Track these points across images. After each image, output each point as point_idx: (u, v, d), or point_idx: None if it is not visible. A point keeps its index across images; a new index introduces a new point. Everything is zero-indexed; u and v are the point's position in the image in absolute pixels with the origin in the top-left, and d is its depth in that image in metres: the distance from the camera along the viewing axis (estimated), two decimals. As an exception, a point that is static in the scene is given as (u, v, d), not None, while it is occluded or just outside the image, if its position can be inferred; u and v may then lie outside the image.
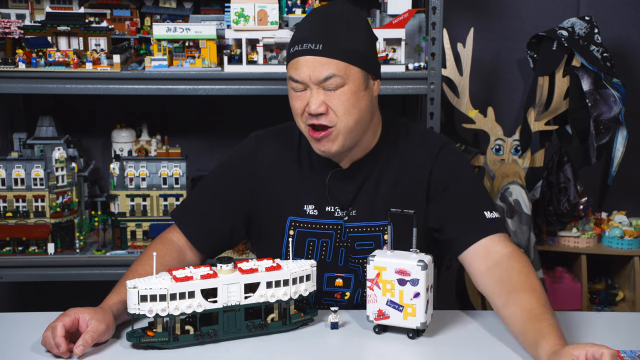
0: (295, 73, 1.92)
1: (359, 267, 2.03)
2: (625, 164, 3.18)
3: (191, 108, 3.25)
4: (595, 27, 3.07)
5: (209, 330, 1.76)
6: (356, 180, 2.03)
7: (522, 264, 1.89)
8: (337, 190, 2.03)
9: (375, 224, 2.03)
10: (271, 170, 2.06)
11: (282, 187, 2.05)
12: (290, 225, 2.04)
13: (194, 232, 2.05)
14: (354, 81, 1.92)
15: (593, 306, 3.27)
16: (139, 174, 2.84)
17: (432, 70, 2.74)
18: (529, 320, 1.75)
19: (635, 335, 1.86)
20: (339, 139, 1.94)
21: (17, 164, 2.75)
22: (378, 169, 2.04)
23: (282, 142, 2.10)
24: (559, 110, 3.10)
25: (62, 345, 1.69)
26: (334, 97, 1.91)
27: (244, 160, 2.09)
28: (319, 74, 1.89)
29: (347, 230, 2.03)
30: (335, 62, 1.89)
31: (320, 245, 2.04)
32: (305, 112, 1.93)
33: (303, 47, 1.90)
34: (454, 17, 3.14)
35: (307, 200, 2.04)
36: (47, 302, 1.93)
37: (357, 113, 1.93)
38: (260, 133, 2.13)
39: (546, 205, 3.18)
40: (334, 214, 2.03)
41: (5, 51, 2.79)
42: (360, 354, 1.78)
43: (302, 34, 1.93)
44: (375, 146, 2.05)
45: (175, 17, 2.99)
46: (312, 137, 1.94)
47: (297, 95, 1.94)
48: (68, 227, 2.81)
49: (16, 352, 1.76)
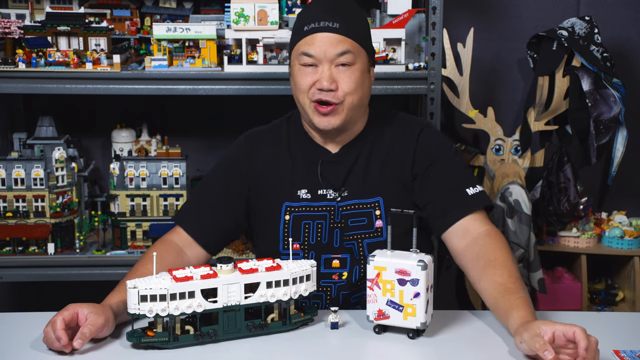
0: (311, 48, 2.02)
1: (354, 243, 2.11)
2: (625, 164, 3.18)
3: (191, 108, 3.25)
4: (595, 27, 3.07)
5: (209, 330, 1.76)
6: (346, 163, 2.13)
7: (497, 241, 1.99)
8: (329, 174, 2.12)
9: (366, 201, 2.11)
10: (265, 164, 2.15)
11: (277, 177, 2.14)
12: (286, 210, 2.12)
13: (199, 230, 2.12)
14: (362, 62, 2.05)
15: (593, 306, 3.27)
16: (139, 174, 2.84)
17: (432, 70, 2.74)
18: (500, 294, 1.85)
19: (635, 335, 1.85)
20: (342, 114, 2.05)
21: (17, 164, 2.75)
22: (366, 151, 2.14)
23: (272, 138, 2.19)
24: (559, 110, 3.10)
25: (63, 338, 1.70)
26: (345, 74, 2.02)
27: (239, 159, 2.17)
28: (334, 49, 2.01)
29: (340, 210, 2.10)
30: (350, 41, 2.02)
31: (315, 227, 2.11)
32: (312, 88, 2.03)
33: (320, 24, 2.01)
34: (454, 17, 3.14)
35: (300, 186, 2.12)
36: (47, 302, 1.93)
37: (361, 93, 2.06)
38: (249, 133, 2.23)
39: (546, 205, 3.18)
40: (327, 197, 2.12)
41: (5, 51, 2.79)
42: (360, 354, 1.79)
43: (315, 12, 2.04)
44: (363, 131, 2.16)
45: (175, 17, 2.99)
46: (318, 110, 2.04)
47: (305, 71, 2.04)
48: (68, 227, 2.81)
49: (16, 352, 1.76)
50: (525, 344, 1.68)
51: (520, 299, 1.82)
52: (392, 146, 2.14)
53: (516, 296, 1.83)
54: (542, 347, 1.64)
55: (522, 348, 1.71)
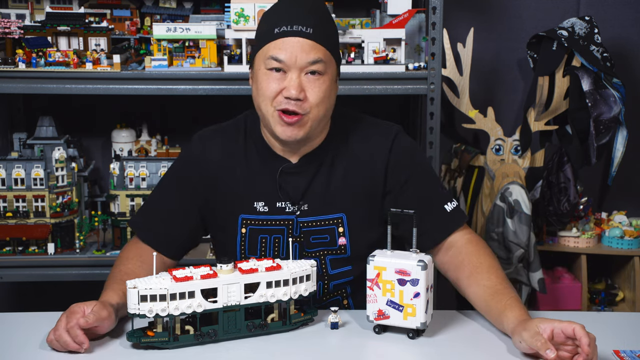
0: (280, 52, 1.88)
1: (317, 260, 2.01)
2: (625, 164, 3.18)
3: (191, 108, 3.25)
4: (595, 27, 3.07)
5: (209, 330, 1.76)
6: (306, 174, 2.01)
7: (480, 247, 1.97)
8: (287, 185, 2.01)
9: (328, 217, 2.01)
10: (218, 172, 2.03)
11: (232, 185, 2.02)
12: (242, 223, 2.02)
13: (154, 239, 2.04)
14: (332, 71, 1.94)
15: (593, 306, 3.27)
16: (139, 174, 2.84)
17: (432, 70, 2.74)
18: (490, 296, 1.85)
19: (635, 335, 1.85)
20: (307, 126, 1.92)
21: (17, 164, 2.75)
22: (328, 162, 2.02)
23: (228, 140, 2.06)
24: (559, 110, 3.10)
25: (85, 342, 1.71)
26: (315, 84, 1.90)
27: (191, 164, 2.06)
28: (307, 56, 1.88)
29: (300, 225, 2.01)
30: (323, 49, 1.90)
31: (272, 241, 2.02)
32: (279, 96, 1.89)
33: (293, 28, 1.88)
34: (454, 17, 3.14)
35: (257, 197, 2.01)
36: (47, 302, 1.93)
37: (328, 104, 1.94)
38: (203, 133, 2.10)
39: (546, 205, 3.18)
40: (285, 210, 2.01)
41: (5, 51, 2.79)
42: (360, 354, 1.78)
43: (288, 14, 1.91)
44: (325, 140, 2.02)
45: (175, 17, 2.99)
46: (282, 120, 1.90)
47: (272, 77, 1.90)
48: (68, 227, 2.81)
49: (16, 352, 1.76)
50: (525, 343, 1.68)
51: (511, 299, 1.81)
52: (358, 156, 2.01)
53: (507, 297, 1.82)
54: (544, 345, 1.64)
55: (522, 347, 1.71)
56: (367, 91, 2.73)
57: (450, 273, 1.99)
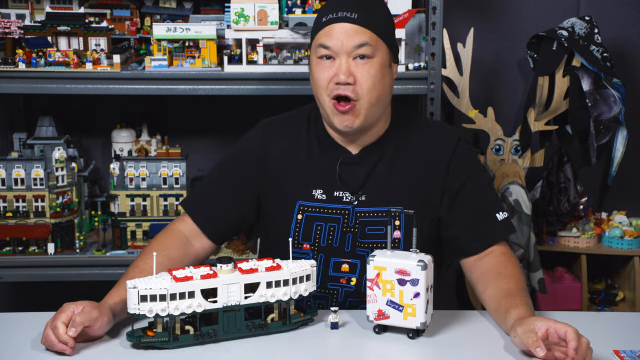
0: (328, 39, 1.94)
1: (368, 251, 2.03)
2: (625, 164, 3.18)
3: (191, 108, 3.25)
4: (595, 27, 3.07)
5: (209, 330, 1.76)
6: (366, 165, 2.05)
7: (510, 258, 2.01)
8: (346, 176, 2.04)
9: (387, 209, 2.02)
10: (280, 158, 2.08)
11: (291, 173, 2.07)
12: (299, 209, 2.05)
13: (205, 220, 2.08)
14: (382, 55, 1.97)
15: (593, 306, 3.27)
16: (139, 174, 2.84)
17: (432, 70, 2.74)
18: (503, 297, 1.87)
19: (635, 335, 1.85)
20: (361, 114, 1.96)
21: (17, 164, 2.75)
22: (388, 155, 2.05)
23: (291, 129, 2.11)
24: (559, 110, 3.10)
25: (70, 342, 1.71)
26: (363, 68, 1.94)
27: (253, 150, 2.11)
28: (352, 40, 1.93)
29: (357, 215, 2.04)
30: (369, 32, 1.94)
31: (327, 229, 2.05)
32: (330, 83, 1.95)
33: (338, 14, 1.94)
34: (454, 17, 3.14)
35: (316, 185, 2.05)
36: (47, 302, 1.93)
37: (380, 89, 1.97)
38: (268, 121, 2.16)
39: (546, 205, 3.18)
40: (343, 199, 2.04)
41: (5, 51, 2.79)
42: (360, 354, 1.78)
43: (335, 3, 1.97)
44: (386, 132, 2.07)
45: (175, 17, 2.99)
46: (336, 109, 1.96)
47: (324, 65, 1.96)
48: (68, 227, 2.81)
49: (16, 352, 1.76)
50: (519, 338, 1.69)
51: (521, 301, 1.82)
52: (421, 151, 2.06)
53: (518, 299, 1.83)
54: (535, 343, 1.65)
55: (516, 342, 1.72)
56: (367, 91, 2.73)
57: (475, 275, 2.01)
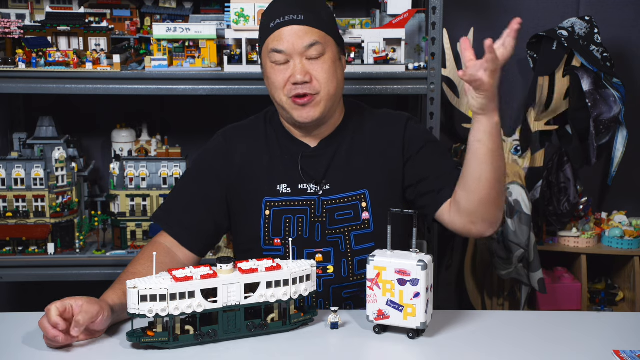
0: (279, 44, 2.02)
1: (340, 237, 2.10)
2: (625, 164, 3.18)
3: (191, 108, 3.25)
4: (595, 27, 3.07)
5: (209, 330, 1.76)
6: (326, 156, 2.12)
7: None
8: (309, 168, 2.12)
9: (351, 194, 2.11)
10: (243, 161, 2.14)
11: (256, 173, 2.13)
12: (266, 205, 2.10)
13: (180, 232, 2.10)
14: (332, 50, 2.05)
15: (593, 306, 3.27)
16: (139, 174, 2.84)
17: (432, 70, 2.74)
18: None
19: (635, 335, 1.85)
20: (321, 105, 2.04)
21: (17, 164, 2.75)
22: (346, 143, 2.14)
23: (249, 134, 2.18)
24: (559, 110, 3.10)
25: (60, 323, 1.71)
26: (317, 65, 2.03)
27: (215, 156, 2.16)
28: (303, 41, 2.01)
29: (323, 204, 2.09)
30: (317, 31, 2.03)
31: (296, 221, 2.10)
32: (288, 84, 2.03)
33: (285, 18, 2.02)
34: (454, 17, 3.14)
35: (280, 180, 2.11)
36: (47, 302, 1.93)
37: (336, 81, 2.06)
38: (225, 130, 2.22)
39: (546, 205, 3.18)
40: (307, 191, 2.11)
41: (5, 51, 2.79)
42: (360, 354, 1.79)
43: (279, 7, 2.05)
44: (341, 123, 2.16)
45: (175, 17, 2.99)
46: (296, 104, 2.03)
47: (278, 69, 2.04)
48: (68, 227, 2.81)
49: (16, 352, 1.76)
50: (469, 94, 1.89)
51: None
52: (376, 135, 2.15)
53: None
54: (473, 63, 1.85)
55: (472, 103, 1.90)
56: (367, 91, 2.73)
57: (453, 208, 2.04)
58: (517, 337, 1.84)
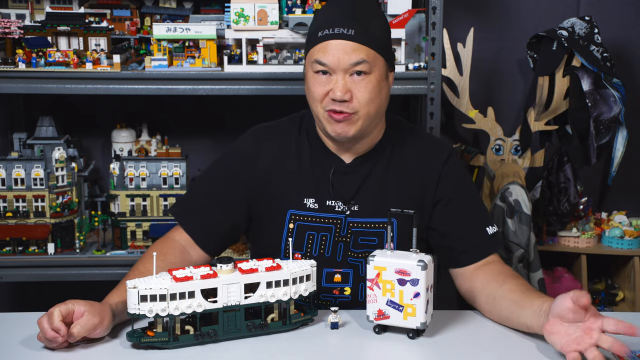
0: (324, 56, 1.91)
1: (362, 261, 2.02)
2: (625, 164, 3.18)
3: (191, 108, 3.25)
4: (595, 27, 3.07)
5: (209, 330, 1.76)
6: (359, 175, 2.03)
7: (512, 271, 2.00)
8: (339, 185, 2.02)
9: (379, 220, 2.02)
10: (271, 166, 2.05)
11: (282, 181, 2.04)
12: (290, 218, 2.03)
13: (197, 230, 2.05)
14: (378, 70, 1.94)
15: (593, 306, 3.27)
16: (139, 174, 2.84)
17: (432, 70, 2.74)
18: (528, 290, 1.88)
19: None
20: (358, 124, 1.94)
21: (17, 164, 2.75)
22: (382, 165, 2.04)
23: (282, 137, 2.08)
24: (559, 110, 3.10)
25: (62, 328, 1.69)
26: (360, 84, 1.92)
27: (243, 158, 2.07)
28: (349, 58, 1.90)
29: (349, 225, 2.02)
30: (366, 49, 1.91)
31: (319, 239, 2.03)
32: (327, 97, 1.93)
33: (335, 30, 1.90)
34: (454, 17, 3.14)
35: (308, 194, 2.03)
36: (47, 302, 1.93)
37: (378, 102, 1.95)
38: (258, 128, 2.13)
39: (546, 205, 3.18)
40: (335, 208, 2.02)
41: (5, 51, 2.79)
42: (360, 354, 1.78)
43: (331, 17, 1.93)
44: (380, 142, 2.05)
45: (175, 17, 2.99)
46: (332, 118, 1.93)
47: (319, 80, 1.93)
48: (68, 227, 2.81)
49: (16, 351, 1.76)
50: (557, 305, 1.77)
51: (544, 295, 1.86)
52: (413, 164, 2.04)
53: (542, 294, 1.87)
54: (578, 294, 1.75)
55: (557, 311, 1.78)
56: (367, 91, 2.73)
57: (477, 283, 1.97)
58: (517, 337, 1.84)
